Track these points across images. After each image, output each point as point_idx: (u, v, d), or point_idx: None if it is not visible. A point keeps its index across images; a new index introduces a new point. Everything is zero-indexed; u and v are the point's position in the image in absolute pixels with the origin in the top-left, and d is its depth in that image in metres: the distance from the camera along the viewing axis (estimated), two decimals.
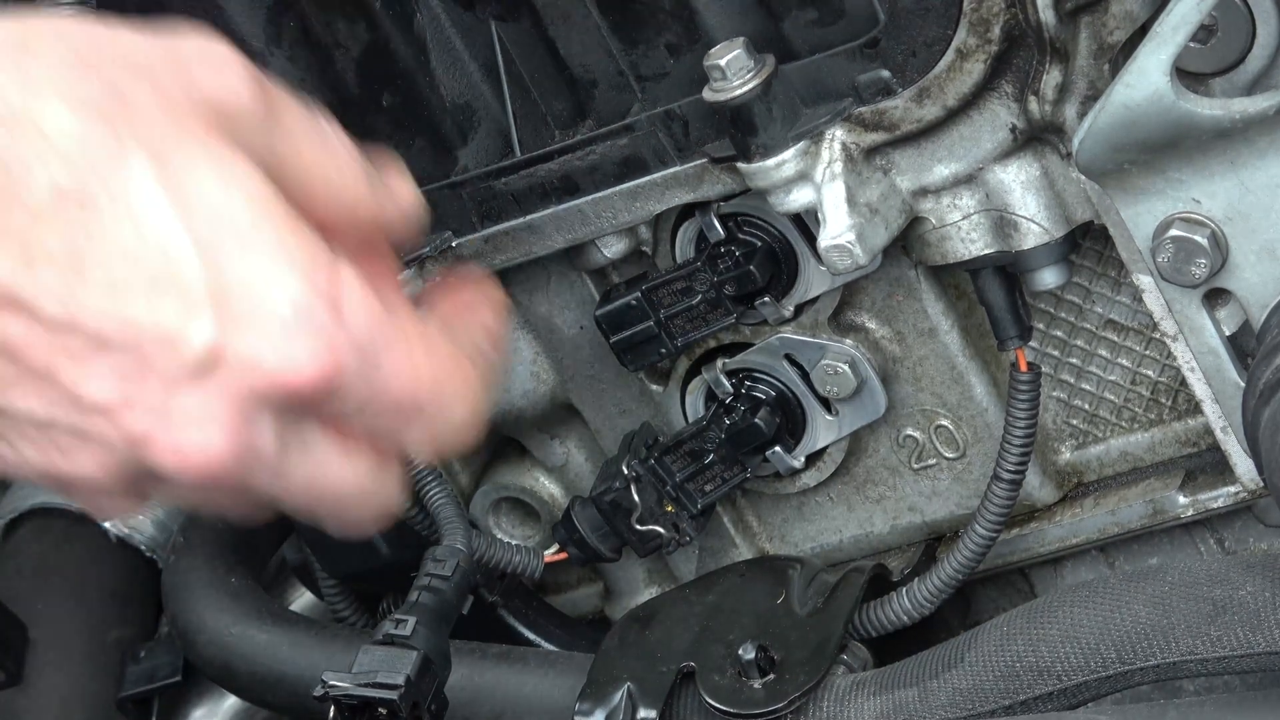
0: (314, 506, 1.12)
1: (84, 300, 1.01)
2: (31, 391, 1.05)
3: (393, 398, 1.08)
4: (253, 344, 1.02)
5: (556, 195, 1.35)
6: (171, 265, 1.01)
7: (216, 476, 1.06)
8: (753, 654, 1.32)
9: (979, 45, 1.21)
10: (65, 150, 1.00)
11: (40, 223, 1.00)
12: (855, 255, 1.25)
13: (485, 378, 1.15)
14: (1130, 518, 1.43)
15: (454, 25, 1.36)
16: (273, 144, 1.08)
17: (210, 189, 1.03)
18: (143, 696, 1.71)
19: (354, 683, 1.26)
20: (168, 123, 1.03)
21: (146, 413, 1.04)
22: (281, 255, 1.03)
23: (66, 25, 1.05)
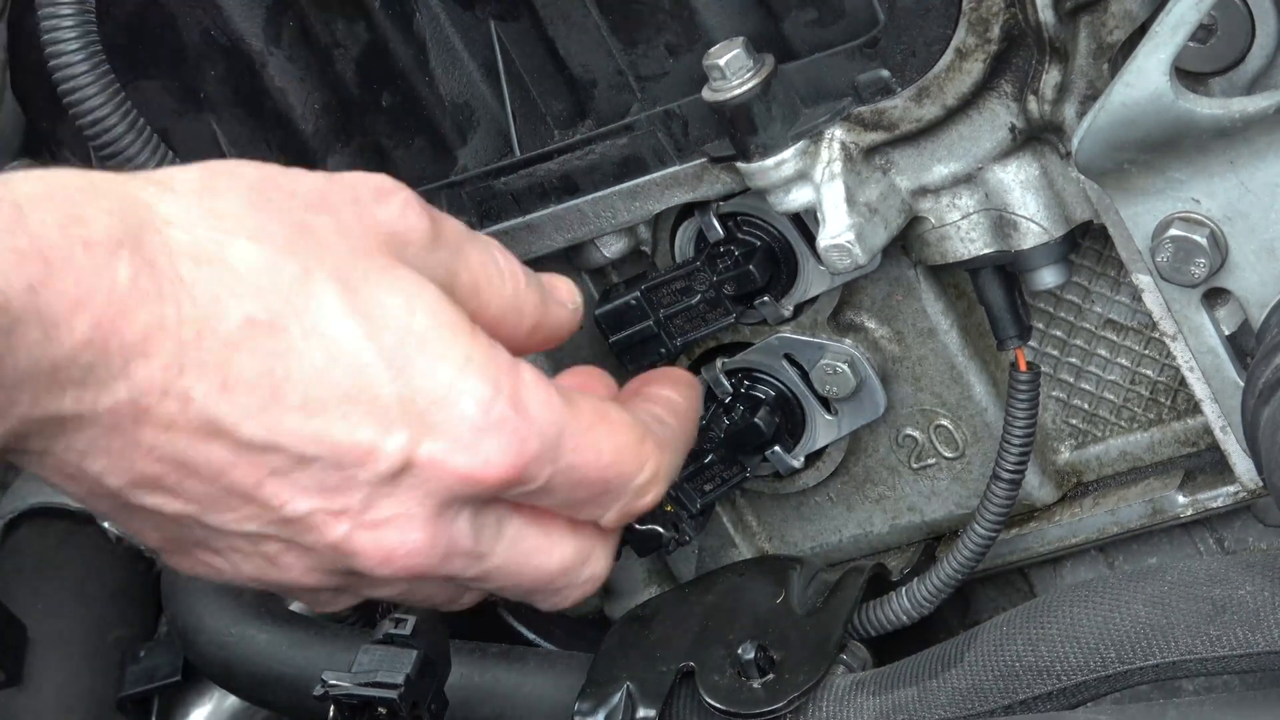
0: (521, 588, 1.20)
1: (282, 421, 1.08)
2: (237, 509, 1.11)
3: (579, 479, 1.15)
4: (444, 447, 1.10)
5: (556, 195, 1.35)
6: (362, 381, 1.08)
7: (419, 571, 1.14)
8: (752, 654, 1.32)
9: (978, 45, 1.21)
10: (254, 282, 1.06)
11: (234, 351, 1.06)
12: (854, 255, 1.25)
13: (666, 444, 1.22)
14: (1130, 517, 1.43)
15: (453, 25, 1.36)
16: (444, 262, 1.15)
17: (393, 307, 1.09)
18: (142, 696, 1.71)
19: (354, 682, 1.26)
20: (348, 250, 1.10)
21: (347, 520, 1.12)
22: (464, 362, 1.10)
23: (244, 168, 1.13)
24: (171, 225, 1.07)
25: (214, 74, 1.41)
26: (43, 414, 1.04)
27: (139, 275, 1.04)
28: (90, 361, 1.03)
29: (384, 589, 1.20)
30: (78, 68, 1.27)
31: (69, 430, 1.06)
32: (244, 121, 1.43)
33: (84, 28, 1.27)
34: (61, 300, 1.01)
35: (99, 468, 1.08)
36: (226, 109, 1.43)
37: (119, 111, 1.28)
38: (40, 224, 1.01)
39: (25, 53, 1.47)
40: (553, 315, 1.24)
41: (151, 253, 1.05)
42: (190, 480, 1.10)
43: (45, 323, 1.01)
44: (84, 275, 1.02)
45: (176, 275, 1.05)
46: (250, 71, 1.40)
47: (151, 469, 1.09)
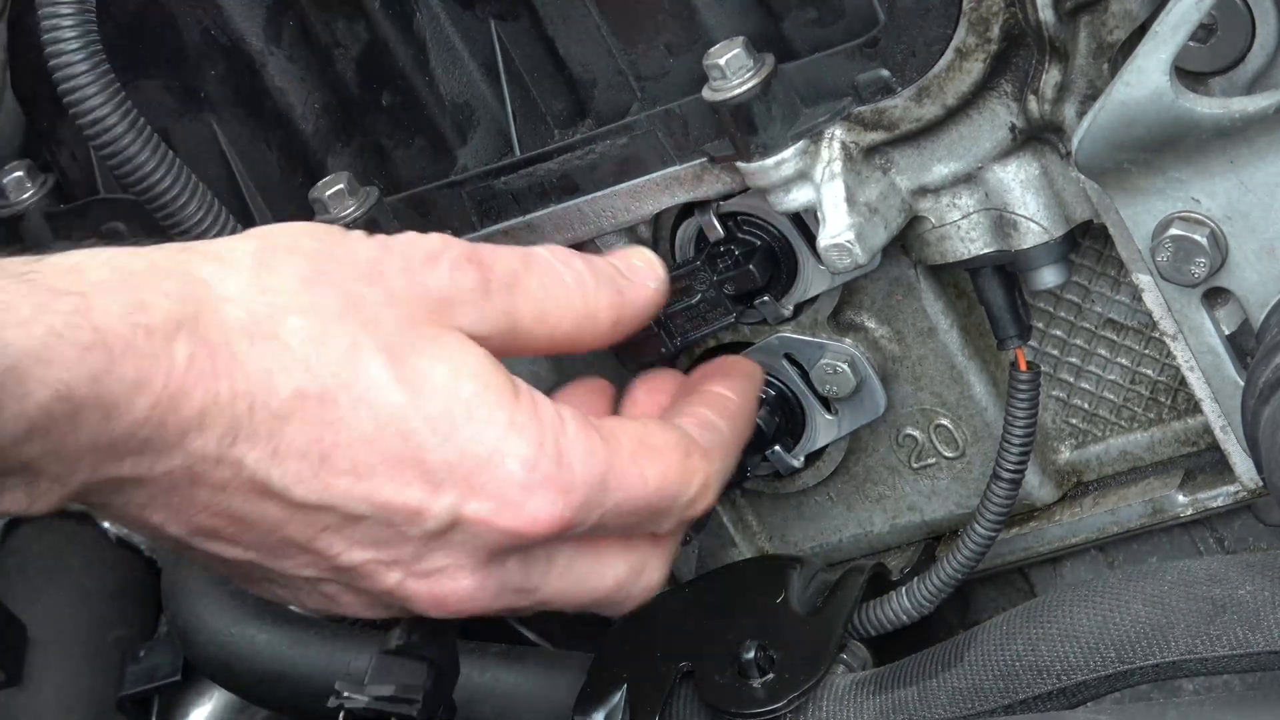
0: (576, 606, 1.25)
1: (332, 485, 1.13)
2: (294, 557, 1.17)
3: (628, 510, 1.20)
4: (491, 507, 1.15)
5: (556, 194, 1.35)
6: (409, 447, 1.13)
7: (472, 611, 1.20)
8: (752, 654, 1.32)
9: (978, 44, 1.21)
10: (304, 356, 1.12)
11: (285, 422, 1.11)
12: (855, 254, 1.25)
13: (713, 452, 1.26)
14: (1130, 517, 1.43)
15: (453, 25, 1.36)
16: (500, 307, 1.20)
17: (439, 376, 1.14)
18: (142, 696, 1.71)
19: (371, 695, 1.26)
20: (397, 320, 1.15)
21: (400, 570, 1.18)
22: (508, 425, 1.16)
23: (301, 240, 1.17)
24: (228, 302, 1.12)
25: (214, 74, 1.41)
26: (102, 478, 1.10)
27: (196, 355, 1.09)
28: (148, 436, 1.08)
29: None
30: (78, 68, 1.27)
31: (127, 489, 1.12)
32: (244, 121, 1.43)
33: (84, 28, 1.27)
34: (122, 385, 1.06)
35: (158, 519, 1.14)
36: (226, 109, 1.43)
37: (119, 111, 1.28)
38: (104, 313, 1.06)
39: (25, 53, 1.47)
40: (632, 303, 1.27)
41: (207, 331, 1.10)
42: (247, 533, 1.16)
43: (106, 405, 1.06)
44: (144, 361, 1.07)
45: (231, 352, 1.10)
46: (250, 71, 1.40)
47: (209, 522, 1.15)
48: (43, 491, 1.09)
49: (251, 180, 1.45)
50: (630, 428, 1.23)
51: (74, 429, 1.06)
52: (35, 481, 1.08)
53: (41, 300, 1.05)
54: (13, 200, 1.52)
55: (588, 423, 1.20)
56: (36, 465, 1.07)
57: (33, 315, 1.04)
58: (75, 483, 1.09)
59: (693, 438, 1.25)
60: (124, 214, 1.49)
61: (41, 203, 1.52)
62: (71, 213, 1.51)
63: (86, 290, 1.07)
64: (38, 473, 1.08)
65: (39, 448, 1.06)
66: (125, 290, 1.08)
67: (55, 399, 1.04)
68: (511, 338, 1.21)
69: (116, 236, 1.50)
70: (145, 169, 1.30)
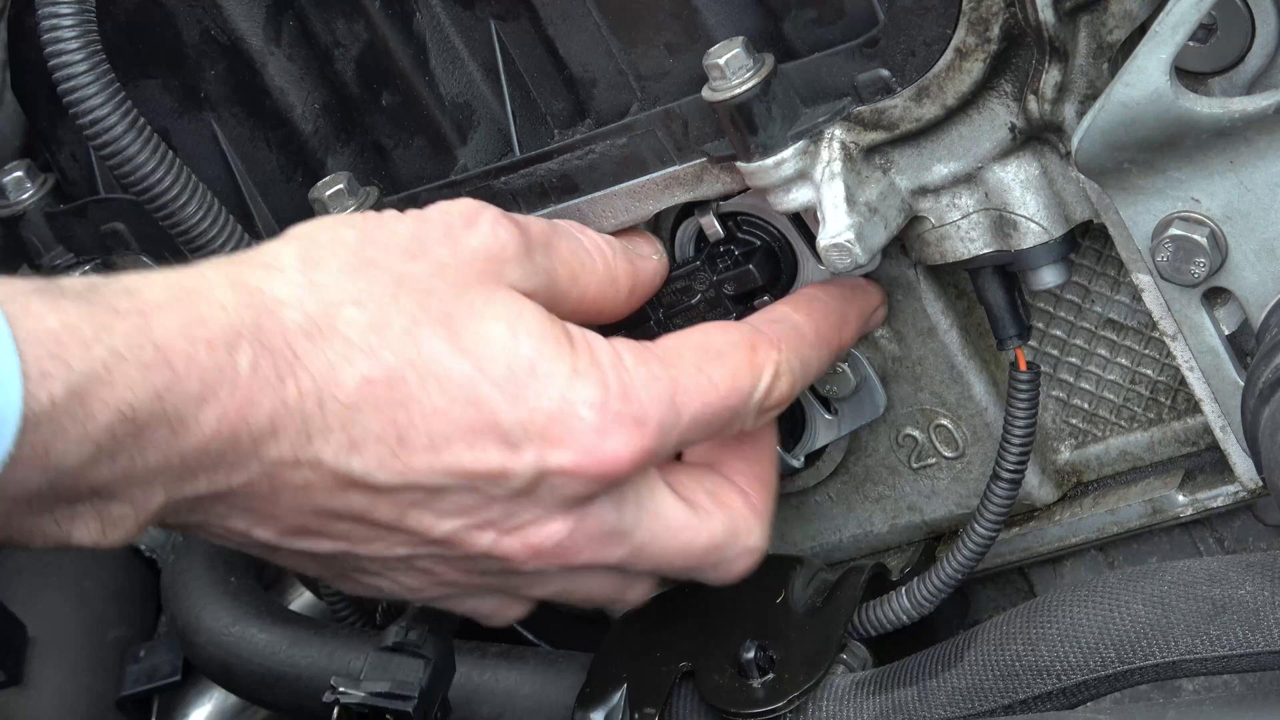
0: (676, 566, 1.27)
1: (412, 464, 1.14)
2: (385, 538, 1.19)
3: (706, 419, 1.22)
4: (572, 456, 1.17)
5: (556, 194, 1.35)
6: (482, 412, 1.15)
7: (568, 560, 1.22)
8: (752, 653, 1.32)
9: (978, 44, 1.21)
10: (363, 344, 1.13)
11: (356, 411, 1.13)
12: (854, 254, 1.25)
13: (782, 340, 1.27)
14: (1130, 517, 1.42)
15: (454, 25, 1.36)
16: (541, 265, 1.23)
17: (497, 337, 1.16)
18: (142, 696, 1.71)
19: (367, 691, 1.26)
20: (448, 289, 1.17)
21: (492, 530, 1.19)
22: (571, 374, 1.18)
23: (340, 232, 1.19)
24: (284, 306, 1.13)
25: (214, 73, 1.41)
26: (179, 498, 1.11)
27: (259, 362, 1.10)
28: (220, 449, 1.09)
29: (538, 587, 1.26)
30: (78, 68, 1.27)
31: (206, 504, 1.13)
32: (244, 121, 1.43)
33: (84, 28, 1.27)
34: (187, 400, 1.07)
35: (243, 526, 1.16)
36: (226, 108, 1.43)
37: (119, 111, 1.28)
38: (164, 330, 1.07)
39: (25, 53, 1.47)
40: (643, 272, 1.31)
41: (268, 338, 1.11)
42: (335, 524, 1.17)
43: (173, 422, 1.07)
44: (208, 374, 1.08)
45: (294, 354, 1.11)
46: (250, 71, 1.40)
47: (296, 521, 1.16)
48: (116, 519, 1.09)
49: (251, 180, 1.45)
50: (689, 338, 1.25)
51: (141, 449, 1.06)
52: (107, 508, 1.09)
53: (103, 321, 1.05)
54: (13, 200, 1.52)
55: (645, 349, 1.22)
56: (107, 490, 1.07)
57: (94, 336, 1.04)
58: (151, 507, 1.10)
59: (758, 330, 1.27)
60: (124, 214, 1.49)
61: (41, 203, 1.52)
62: (71, 213, 1.51)
63: (145, 309, 1.08)
64: (109, 498, 1.08)
65: (107, 471, 1.06)
66: (183, 306, 1.09)
67: (119, 420, 1.04)
68: (550, 298, 1.23)
69: (116, 236, 1.50)
70: (145, 169, 1.30)
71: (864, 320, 1.36)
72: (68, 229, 1.52)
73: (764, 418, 1.27)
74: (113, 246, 1.51)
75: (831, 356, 1.33)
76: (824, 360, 1.32)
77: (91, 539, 1.09)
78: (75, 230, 1.52)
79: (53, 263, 1.53)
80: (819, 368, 1.32)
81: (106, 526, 1.09)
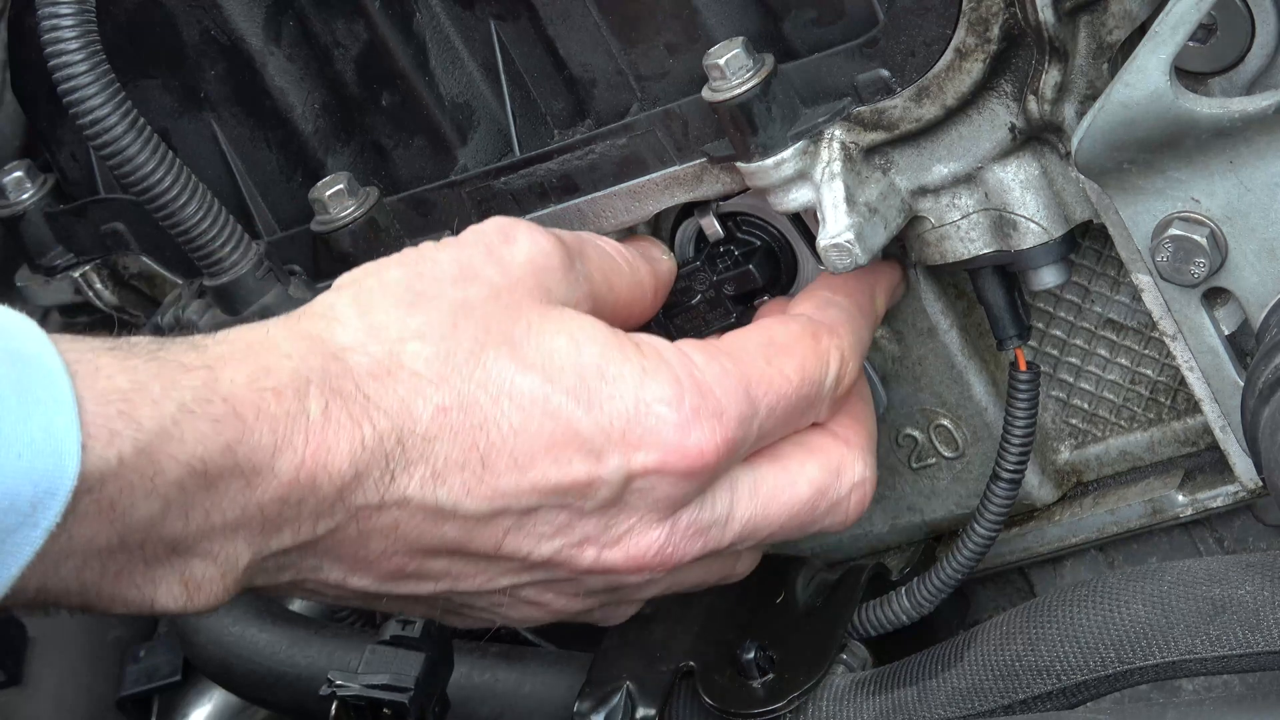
0: (788, 529, 1.26)
1: (498, 486, 1.14)
2: (486, 570, 1.19)
3: (784, 411, 1.22)
4: (657, 456, 1.17)
5: (555, 195, 1.35)
6: (560, 424, 1.15)
7: (674, 562, 1.21)
8: (752, 654, 1.32)
9: (978, 45, 1.21)
10: (431, 375, 1.13)
11: (434, 441, 1.13)
12: (855, 254, 1.25)
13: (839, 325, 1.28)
14: (1129, 517, 1.43)
15: (453, 25, 1.36)
16: (581, 273, 1.23)
17: (561, 348, 1.16)
18: (142, 696, 1.71)
19: (362, 684, 1.26)
20: (504, 309, 1.17)
21: (592, 546, 1.19)
22: (641, 374, 1.18)
23: (387, 272, 1.19)
24: (348, 350, 1.13)
25: (214, 74, 1.41)
26: (266, 553, 1.10)
27: (330, 406, 1.10)
28: (301, 498, 1.09)
29: (647, 590, 1.26)
30: (78, 68, 1.27)
31: (295, 557, 1.13)
32: (244, 121, 1.43)
33: (84, 28, 1.27)
34: (260, 451, 1.07)
35: (339, 577, 1.16)
36: (226, 109, 1.43)
37: (119, 112, 1.28)
38: (231, 384, 1.07)
39: (25, 53, 1.47)
40: (661, 274, 1.32)
41: (337, 382, 1.11)
42: (433, 562, 1.17)
43: (246, 473, 1.07)
44: (278, 422, 1.08)
45: (365, 396, 1.12)
46: (250, 71, 1.40)
47: (392, 565, 1.16)
48: (200, 580, 1.09)
49: (251, 180, 1.45)
50: (752, 335, 1.25)
51: (217, 503, 1.06)
52: (188, 567, 1.08)
53: (171, 377, 1.06)
54: (13, 200, 1.52)
55: (712, 346, 1.22)
56: (184, 545, 1.07)
57: (163, 394, 1.05)
58: (238, 565, 1.09)
59: (815, 319, 1.28)
60: (124, 214, 1.49)
61: (41, 203, 1.52)
62: (71, 213, 1.51)
63: (212, 363, 1.08)
64: (187, 554, 1.07)
65: (181, 526, 1.06)
66: (248, 359, 1.10)
67: (189, 474, 1.04)
68: (594, 305, 1.24)
69: (116, 236, 1.50)
70: (145, 169, 1.30)
71: (890, 292, 1.36)
72: (68, 229, 1.52)
73: (838, 405, 1.28)
74: (113, 246, 1.51)
75: (874, 328, 1.34)
76: (870, 334, 1.33)
77: (178, 604, 1.09)
78: (75, 230, 1.52)
79: (52, 263, 1.53)
80: (868, 342, 1.33)
81: (191, 589, 1.09)
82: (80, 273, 1.53)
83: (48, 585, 1.04)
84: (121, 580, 1.06)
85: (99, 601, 1.07)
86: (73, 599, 1.06)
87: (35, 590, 1.03)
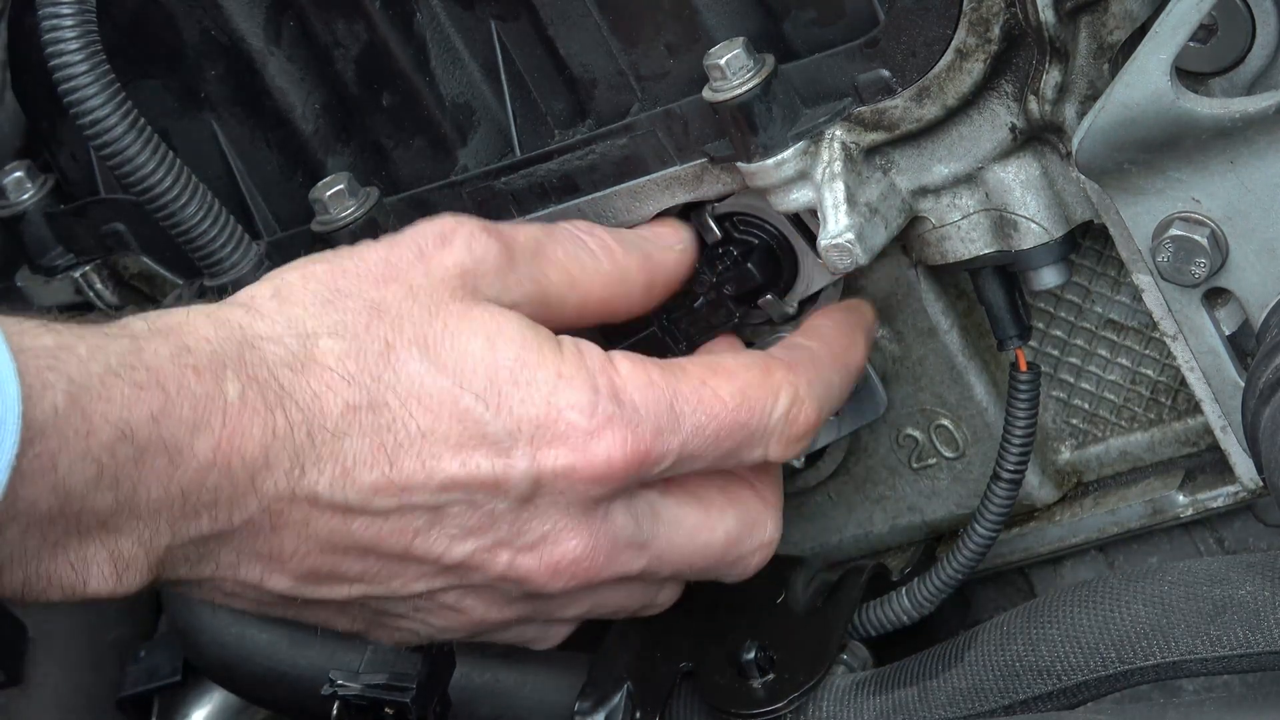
0: (696, 568, 1.27)
1: (406, 483, 1.14)
2: (401, 574, 1.19)
3: (714, 432, 1.22)
4: (565, 457, 1.17)
5: (556, 195, 1.35)
6: (468, 426, 1.15)
7: (590, 576, 1.21)
8: (753, 654, 1.32)
9: (979, 45, 1.21)
10: (343, 372, 1.14)
11: (344, 437, 1.14)
12: (855, 255, 1.25)
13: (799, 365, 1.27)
14: (1130, 517, 1.43)
15: (454, 25, 1.36)
16: (527, 275, 1.22)
17: (474, 349, 1.16)
18: (142, 696, 1.71)
19: (364, 684, 1.26)
20: (422, 310, 1.17)
21: (506, 550, 1.19)
22: (556, 379, 1.17)
23: (311, 267, 1.20)
24: (264, 340, 1.14)
25: (214, 74, 1.41)
26: (184, 539, 1.11)
27: (246, 391, 1.11)
28: (217, 482, 1.10)
29: (570, 608, 1.26)
30: (78, 68, 1.27)
31: (212, 548, 1.13)
32: (244, 121, 1.43)
33: (84, 28, 1.27)
34: (181, 427, 1.08)
35: (256, 576, 1.16)
36: (226, 109, 1.43)
37: (119, 112, 1.28)
38: (154, 355, 1.08)
39: (25, 53, 1.47)
40: (663, 266, 1.30)
41: (253, 369, 1.12)
42: (347, 562, 1.17)
43: (170, 449, 1.08)
44: (199, 401, 1.09)
45: (279, 384, 1.12)
46: (250, 71, 1.40)
47: (307, 564, 1.16)
48: (128, 560, 1.10)
49: (251, 180, 1.45)
50: (697, 359, 1.26)
51: (143, 477, 1.07)
52: (118, 545, 1.09)
53: (96, 342, 1.07)
54: (13, 200, 1.52)
55: (644, 359, 1.21)
56: (114, 522, 1.08)
57: (89, 355, 1.06)
58: (159, 547, 1.10)
59: (771, 355, 1.27)
60: (124, 214, 1.49)
61: (41, 203, 1.52)
62: (71, 213, 1.51)
63: (135, 335, 1.10)
64: (116, 532, 1.09)
65: (112, 498, 1.07)
66: (169, 337, 1.11)
67: (119, 438, 1.05)
68: (543, 306, 1.23)
69: (116, 236, 1.50)
70: (145, 169, 1.30)
71: (868, 335, 1.36)
72: (68, 229, 1.52)
73: (793, 448, 1.27)
74: (113, 246, 1.51)
75: (851, 378, 1.33)
76: (845, 382, 1.32)
77: (108, 587, 1.10)
78: (75, 230, 1.52)
79: (53, 263, 1.53)
80: (841, 389, 1.32)
81: (120, 570, 1.09)
82: (80, 273, 1.53)
83: None
84: (58, 555, 1.07)
85: (37, 579, 1.08)
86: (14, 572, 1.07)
87: None
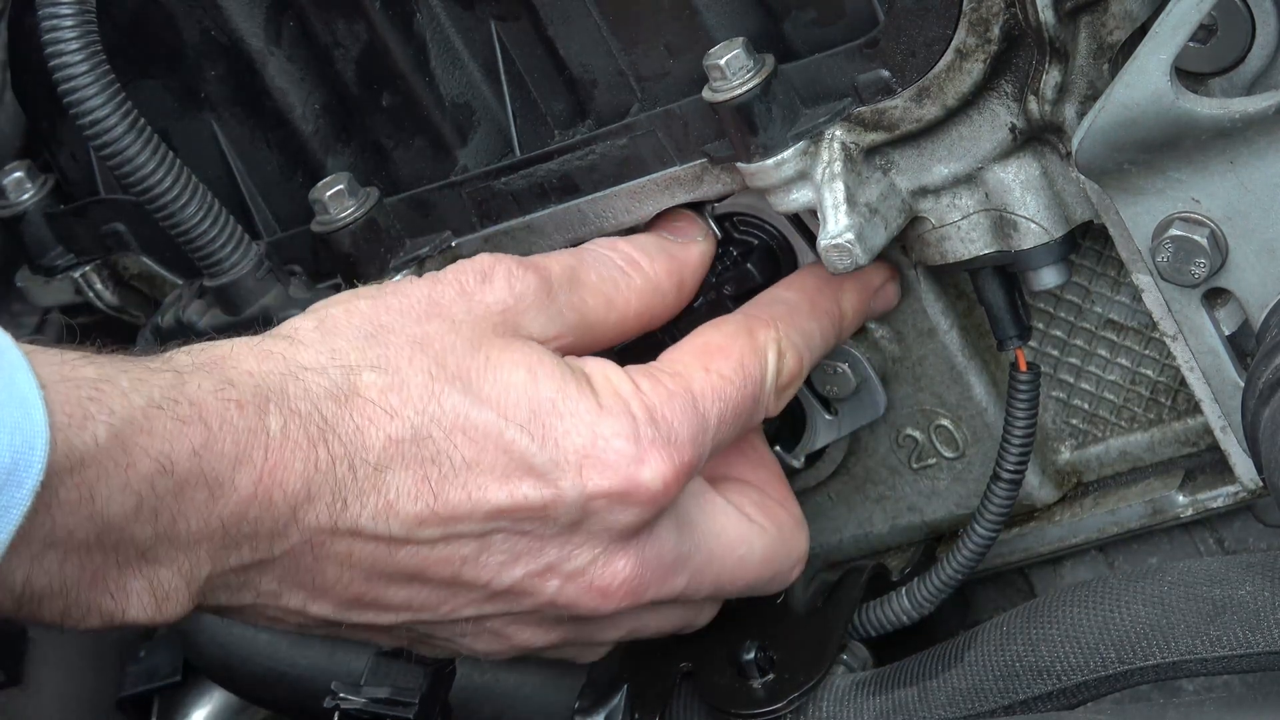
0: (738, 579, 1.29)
1: (451, 514, 1.15)
2: (448, 601, 1.19)
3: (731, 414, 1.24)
4: (610, 480, 1.18)
5: (556, 195, 1.35)
6: (513, 456, 1.16)
7: (639, 598, 1.22)
8: (752, 654, 1.32)
9: (978, 45, 1.21)
10: (385, 405, 1.15)
11: (386, 470, 1.14)
12: (855, 255, 1.25)
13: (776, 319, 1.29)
14: (1130, 517, 1.42)
15: (454, 25, 1.36)
16: (567, 304, 1.24)
17: (517, 382, 1.17)
18: (142, 696, 1.71)
19: (367, 698, 1.26)
20: (464, 345, 1.18)
21: (555, 576, 1.20)
22: (598, 410, 1.19)
23: (355, 303, 1.21)
24: (308, 371, 1.14)
25: (214, 74, 1.41)
26: (225, 569, 1.11)
27: (289, 424, 1.11)
28: (258, 515, 1.10)
29: (611, 630, 1.27)
30: (78, 68, 1.27)
31: (253, 576, 1.14)
32: (244, 121, 1.43)
33: (84, 28, 1.27)
34: (223, 461, 1.08)
35: (299, 603, 1.17)
36: (226, 109, 1.43)
37: (119, 112, 1.28)
38: (197, 389, 1.09)
39: (25, 53, 1.47)
40: (688, 263, 1.32)
41: (295, 402, 1.12)
42: (392, 589, 1.18)
43: (210, 483, 1.08)
44: (240, 435, 1.09)
45: (321, 418, 1.13)
46: (250, 71, 1.40)
47: (350, 591, 1.17)
48: (168, 590, 1.10)
49: (251, 180, 1.45)
50: (687, 345, 1.26)
51: (182, 509, 1.07)
52: (157, 575, 1.09)
53: (139, 375, 1.07)
54: (13, 200, 1.52)
55: (652, 370, 1.23)
56: (153, 553, 1.08)
57: (132, 388, 1.06)
58: (199, 577, 1.10)
59: (750, 314, 1.29)
60: (124, 214, 1.49)
61: (41, 203, 1.52)
62: (71, 213, 1.51)
63: (179, 369, 1.10)
64: (155, 563, 1.09)
65: (151, 530, 1.07)
66: (212, 371, 1.11)
67: (159, 472, 1.06)
68: (587, 331, 1.25)
69: (116, 236, 1.50)
70: (145, 169, 1.30)
71: (866, 292, 1.36)
72: (68, 229, 1.52)
73: (783, 398, 1.29)
74: (113, 246, 1.51)
75: (835, 327, 1.34)
76: (827, 331, 1.33)
77: (147, 615, 1.10)
78: (75, 230, 1.52)
79: (53, 263, 1.53)
80: (823, 339, 1.32)
81: (159, 599, 1.10)
82: (80, 273, 1.53)
83: (32, 579, 1.05)
84: (98, 584, 1.07)
85: (76, 608, 1.08)
86: (55, 601, 1.07)
87: (22, 583, 1.05)
